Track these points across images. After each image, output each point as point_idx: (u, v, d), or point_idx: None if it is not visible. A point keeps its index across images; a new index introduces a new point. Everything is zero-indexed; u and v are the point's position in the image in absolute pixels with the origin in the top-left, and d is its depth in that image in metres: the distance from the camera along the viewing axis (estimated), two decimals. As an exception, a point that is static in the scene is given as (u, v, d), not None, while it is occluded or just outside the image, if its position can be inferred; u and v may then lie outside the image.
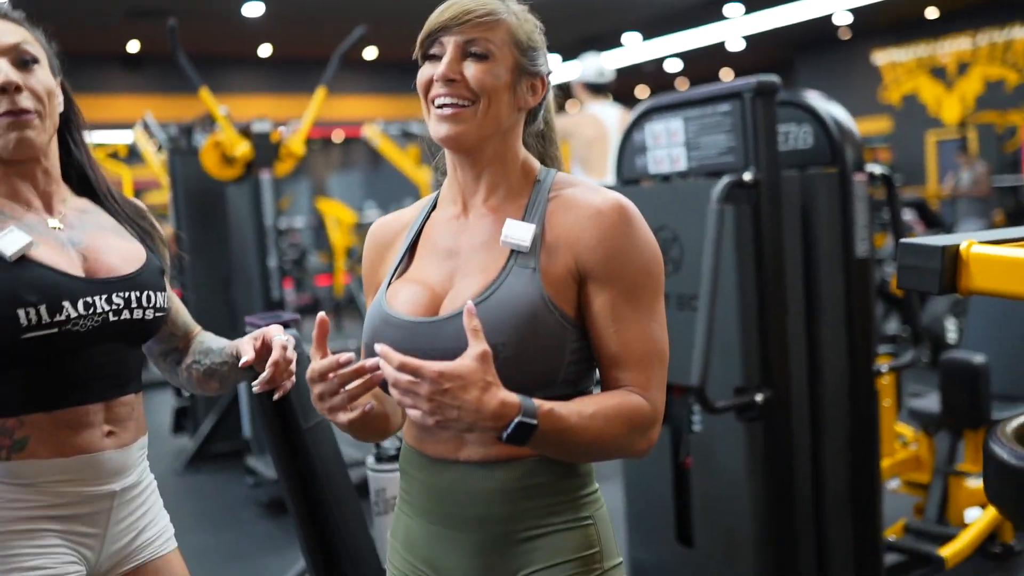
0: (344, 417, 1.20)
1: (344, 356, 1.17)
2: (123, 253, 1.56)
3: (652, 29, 14.81)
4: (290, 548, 3.76)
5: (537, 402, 1.15)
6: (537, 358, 1.22)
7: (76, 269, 1.48)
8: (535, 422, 1.13)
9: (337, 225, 11.03)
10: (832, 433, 2.68)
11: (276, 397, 1.47)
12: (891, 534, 3.20)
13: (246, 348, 1.54)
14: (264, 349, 1.53)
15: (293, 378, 1.50)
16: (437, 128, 1.28)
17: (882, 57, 15.49)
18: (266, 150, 4.98)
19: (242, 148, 4.90)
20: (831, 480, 2.68)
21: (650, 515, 2.97)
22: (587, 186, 1.33)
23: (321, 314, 1.21)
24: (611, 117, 5.41)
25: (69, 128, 1.61)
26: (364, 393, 1.19)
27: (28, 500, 1.43)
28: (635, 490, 3.04)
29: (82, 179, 1.64)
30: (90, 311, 1.45)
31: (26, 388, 1.42)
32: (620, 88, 9.57)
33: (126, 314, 1.50)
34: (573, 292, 1.26)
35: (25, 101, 1.45)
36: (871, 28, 15.16)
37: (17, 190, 1.51)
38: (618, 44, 15.63)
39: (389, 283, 1.36)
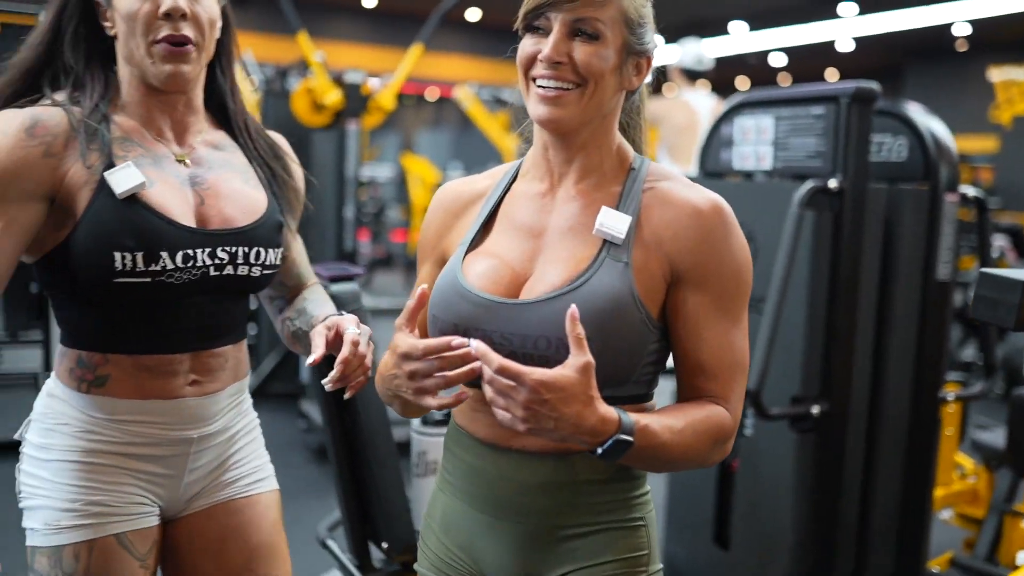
0: (434, 401, 1.12)
1: (456, 340, 1.10)
2: (244, 202, 1.49)
3: (761, 20, 14.50)
4: (332, 496, 3.82)
5: (633, 417, 1.09)
6: (617, 357, 1.16)
7: (187, 215, 1.42)
8: (632, 439, 1.08)
9: (420, 183, 11.07)
10: (887, 455, 2.61)
11: (347, 396, 1.38)
12: (935, 565, 3.11)
13: (318, 341, 1.41)
14: (337, 339, 1.42)
15: (369, 373, 1.38)
16: (537, 109, 1.20)
17: (998, 74, 14.87)
18: (356, 101, 5.01)
19: (332, 96, 4.94)
20: (880, 502, 2.62)
21: (690, 512, 2.94)
22: (683, 180, 1.26)
23: (423, 287, 1.16)
24: (704, 106, 5.33)
25: (219, 54, 1.54)
26: (461, 381, 1.11)
27: (103, 434, 1.42)
28: (678, 486, 3.02)
29: (221, 109, 1.58)
30: (188, 264, 1.39)
31: (113, 328, 1.40)
32: (720, 77, 9.40)
33: (229, 269, 1.45)
34: (661, 293, 1.20)
35: (187, 30, 1.40)
36: (990, 43, 14.59)
37: (152, 116, 1.46)
38: (724, 32, 15.34)
39: (464, 254, 1.28)
